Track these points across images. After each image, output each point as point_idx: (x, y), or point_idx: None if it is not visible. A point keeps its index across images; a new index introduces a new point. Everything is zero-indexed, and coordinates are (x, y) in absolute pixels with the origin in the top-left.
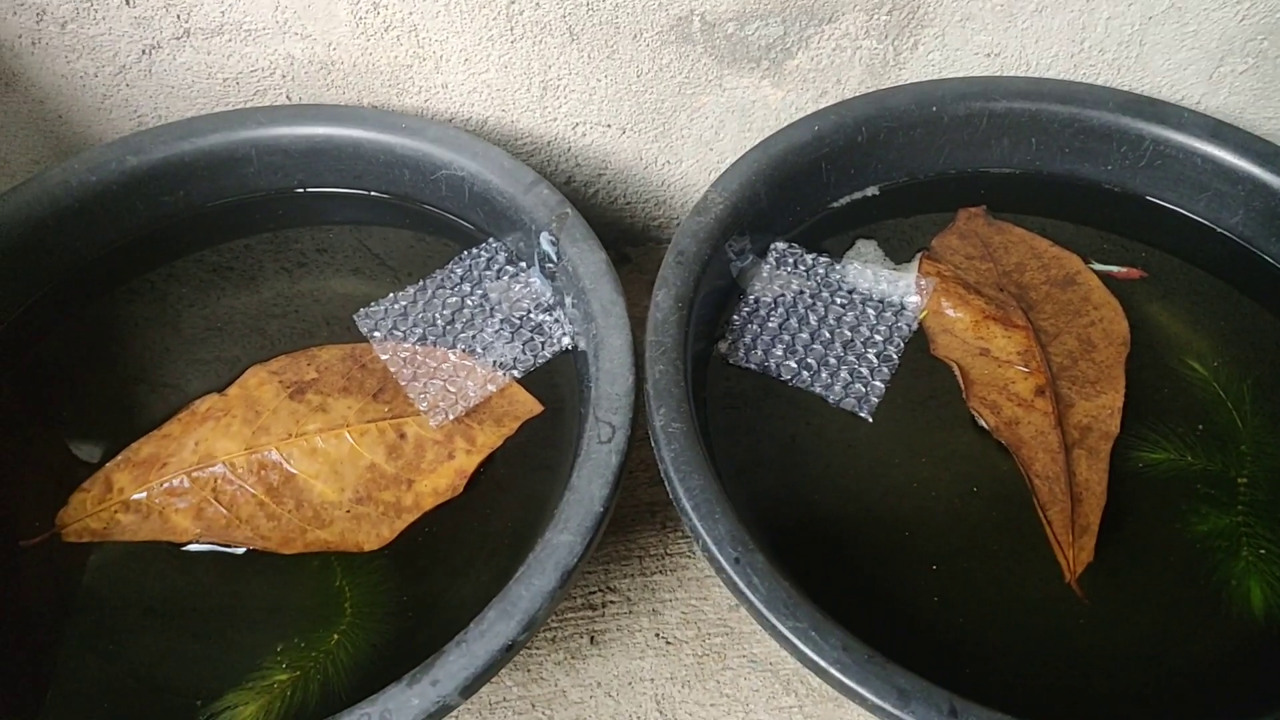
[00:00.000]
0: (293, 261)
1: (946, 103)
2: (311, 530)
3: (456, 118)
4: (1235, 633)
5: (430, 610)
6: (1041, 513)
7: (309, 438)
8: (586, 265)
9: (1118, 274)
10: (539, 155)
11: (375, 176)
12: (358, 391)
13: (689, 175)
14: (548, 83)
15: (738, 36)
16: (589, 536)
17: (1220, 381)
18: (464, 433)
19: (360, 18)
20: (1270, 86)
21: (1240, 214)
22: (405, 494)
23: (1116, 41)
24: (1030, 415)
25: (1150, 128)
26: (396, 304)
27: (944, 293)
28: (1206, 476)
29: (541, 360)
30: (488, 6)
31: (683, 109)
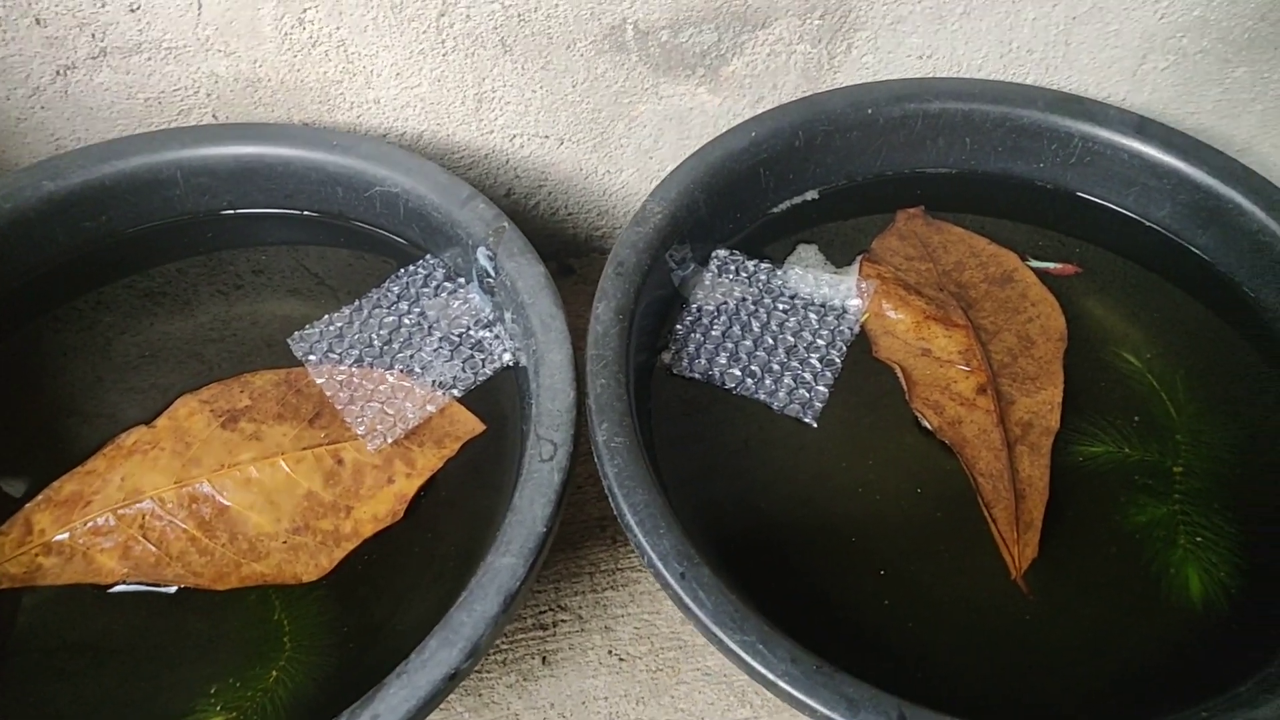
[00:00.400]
0: (228, 284)
1: (881, 105)
2: (247, 564)
3: (390, 133)
4: (1175, 621)
5: (374, 639)
6: (986, 511)
7: (242, 468)
8: (525, 279)
9: (1054, 270)
10: (477, 168)
11: (308, 195)
12: (293, 418)
13: (630, 184)
14: (482, 95)
15: (672, 44)
16: (532, 558)
17: (1154, 372)
18: (403, 456)
19: (286, 33)
20: (1191, 82)
21: (1167, 207)
22: (344, 521)
23: (1043, 42)
24: (972, 414)
25: (1079, 125)
26: (332, 325)
27: (884, 294)
28: (1144, 467)
29: (482, 378)
30: (417, 20)
31: (620, 118)
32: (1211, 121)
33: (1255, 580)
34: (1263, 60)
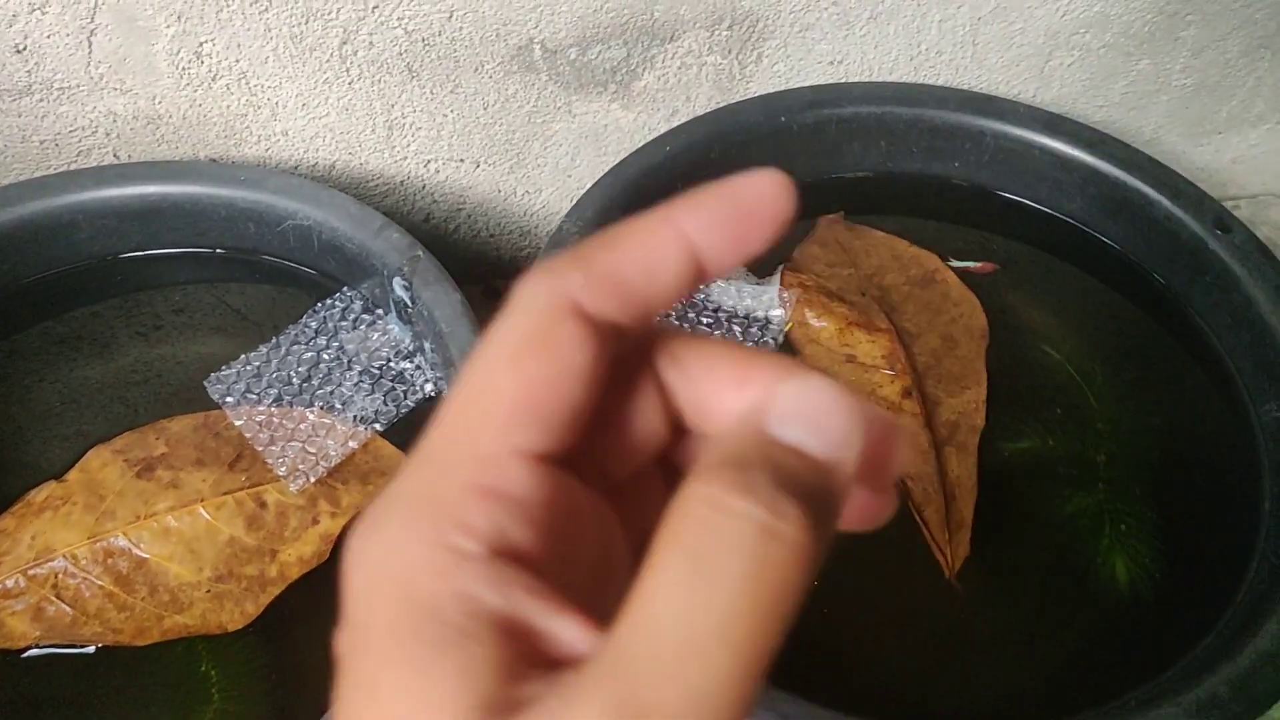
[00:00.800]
0: (148, 325)
1: (795, 112)
2: (169, 616)
3: (301, 165)
4: (1104, 610)
5: (307, 683)
6: (917, 514)
7: (160, 518)
8: (442, 308)
9: (974, 269)
10: (393, 196)
11: (219, 233)
12: (213, 462)
13: (550, 204)
14: (392, 122)
15: (581, 62)
16: None
17: (1074, 364)
18: (328, 495)
19: (183, 68)
20: (1097, 77)
21: (1079, 200)
22: (269, 566)
23: (951, 43)
24: (899, 418)
25: (990, 124)
26: (249, 365)
27: (807, 303)
28: (1069, 459)
29: (405, 410)
30: (319, 49)
31: (535, 138)
32: (1119, 114)
33: (1178, 565)
34: (1164, 52)
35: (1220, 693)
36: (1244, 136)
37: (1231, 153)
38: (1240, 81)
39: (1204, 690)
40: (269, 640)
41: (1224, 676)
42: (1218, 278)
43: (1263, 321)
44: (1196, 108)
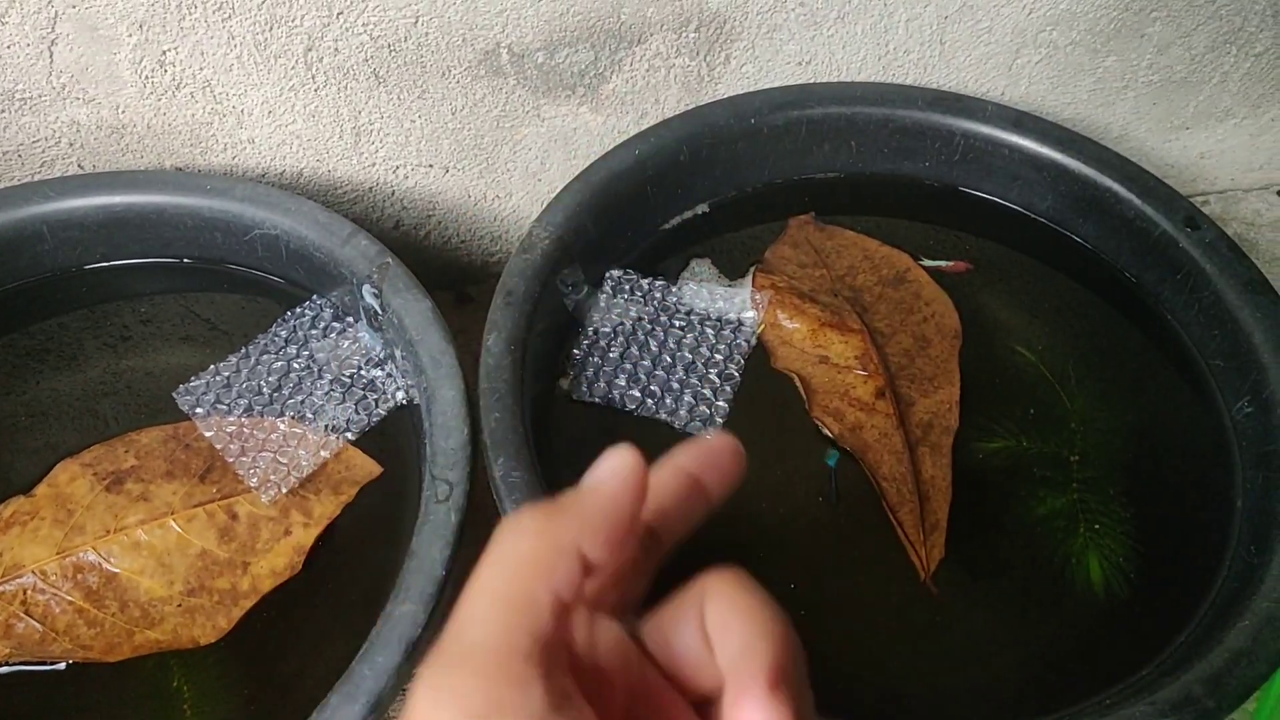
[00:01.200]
0: (115, 336)
1: (764, 113)
2: (140, 632)
3: (269, 173)
4: (1080, 610)
5: (281, 698)
6: (892, 515)
7: (130, 531)
8: (412, 315)
9: (946, 268)
10: (361, 203)
11: (185, 243)
12: (183, 475)
13: (520, 208)
14: (360, 128)
15: (549, 65)
16: (433, 604)
17: (1046, 363)
18: (300, 505)
19: (146, 77)
20: (1064, 74)
21: (1050, 199)
22: (241, 579)
23: (919, 42)
24: (873, 418)
25: (959, 122)
26: (219, 376)
27: (779, 304)
28: (1042, 459)
29: (376, 419)
30: (284, 56)
31: (504, 142)
32: (1087, 111)
33: (1151, 563)
34: (1130, 48)
35: (1194, 691)
36: (1211, 131)
37: (1199, 148)
38: (1207, 76)
39: (1178, 689)
40: (242, 654)
41: (1198, 675)
42: (1188, 275)
43: (1233, 319)
44: (1164, 103)
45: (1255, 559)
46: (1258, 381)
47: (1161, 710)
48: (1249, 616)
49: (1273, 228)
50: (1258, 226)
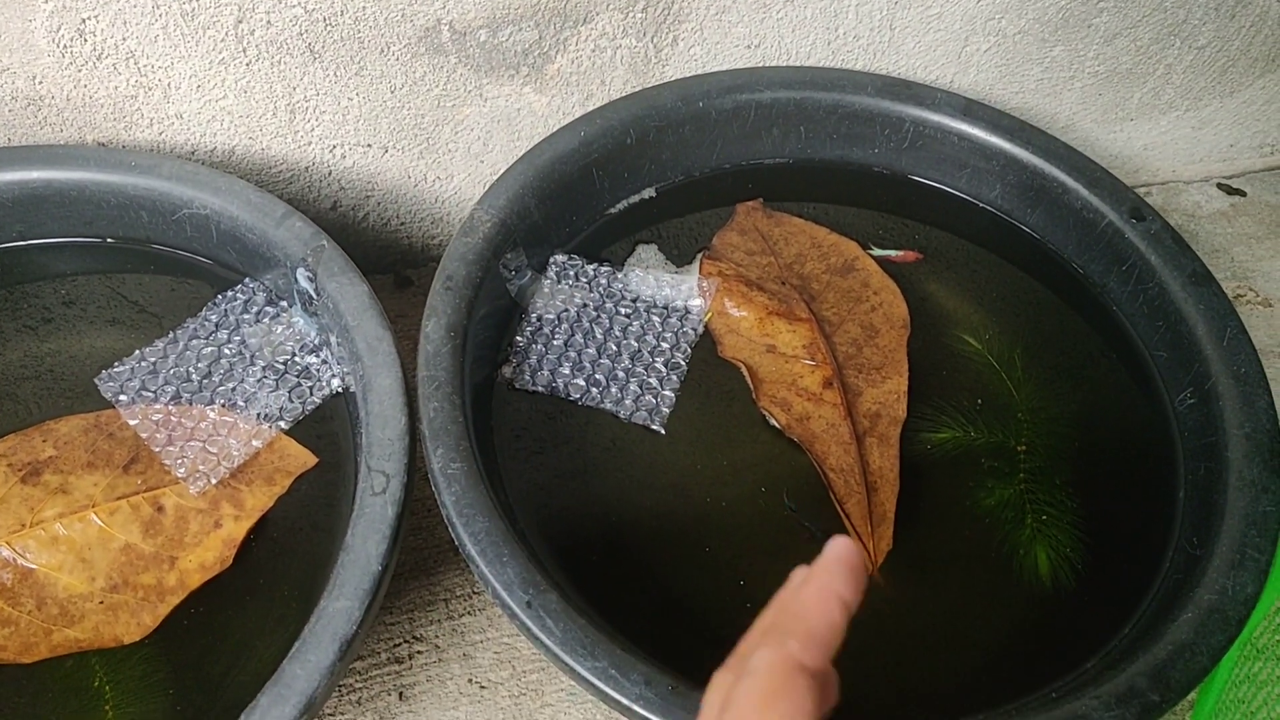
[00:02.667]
0: (36, 318)
1: (713, 97)
2: (58, 630)
3: (198, 150)
4: (1027, 601)
5: (211, 698)
6: (839, 506)
7: (47, 525)
8: (348, 300)
9: (896, 258)
10: (297, 182)
11: (108, 222)
12: (105, 465)
13: (462, 190)
14: (295, 105)
15: (491, 44)
16: (368, 599)
17: (993, 352)
18: (231, 497)
19: (64, 46)
20: (1012, 63)
21: (998, 188)
22: (168, 574)
23: (868, 27)
24: (820, 409)
25: (908, 109)
26: (144, 361)
27: (727, 292)
28: (989, 449)
29: (311, 407)
30: (212, 27)
31: (445, 122)
32: (1035, 100)
33: (1097, 554)
34: (1078, 38)
35: (1138, 683)
36: (1155, 123)
37: (1143, 139)
38: (1151, 69)
39: (1122, 681)
40: (168, 652)
41: (1142, 667)
42: (1134, 267)
43: (1177, 311)
44: (1110, 94)
45: (1197, 550)
46: (1200, 373)
47: (1106, 704)
48: (1191, 609)
49: (1212, 219)
50: (1198, 218)
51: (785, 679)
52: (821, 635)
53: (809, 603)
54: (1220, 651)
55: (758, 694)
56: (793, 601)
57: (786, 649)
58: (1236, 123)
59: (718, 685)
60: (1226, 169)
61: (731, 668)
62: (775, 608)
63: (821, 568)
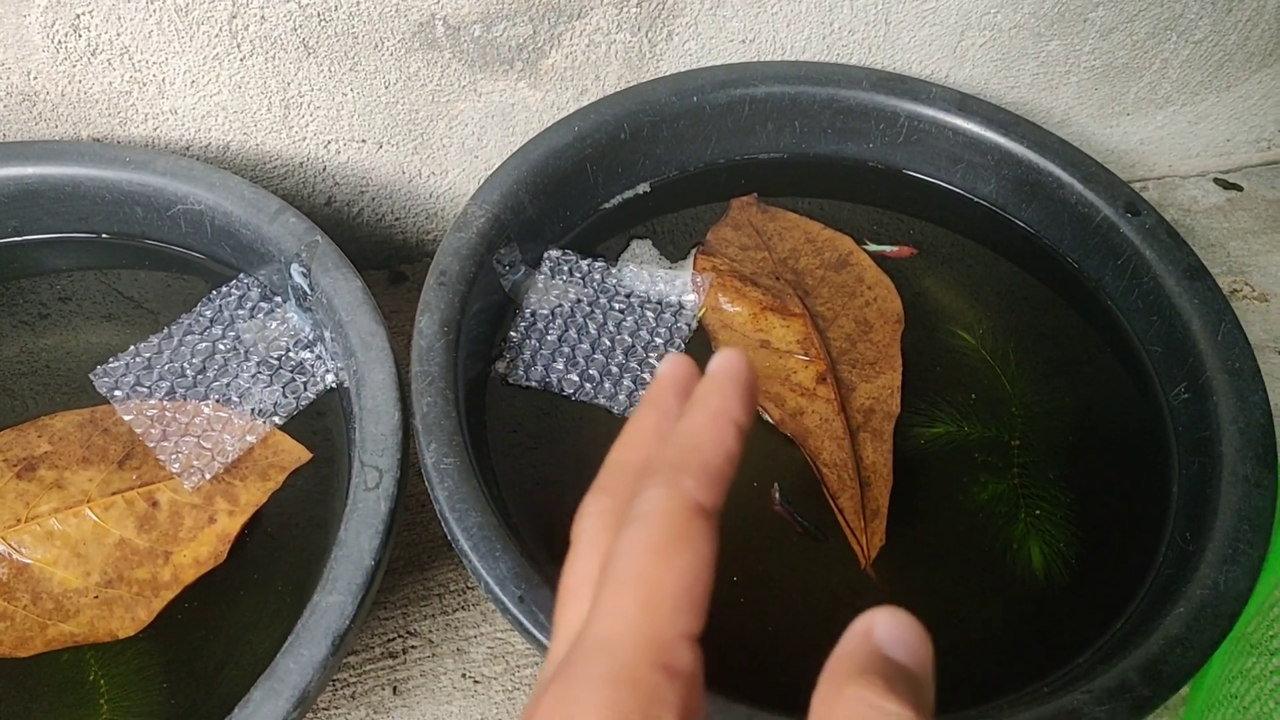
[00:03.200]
0: (32, 314)
1: (707, 92)
2: (53, 625)
3: (193, 145)
4: (1021, 596)
5: (205, 692)
6: (832, 501)
7: (43, 520)
8: (341, 295)
9: (890, 253)
10: (292, 178)
11: (103, 217)
12: (100, 461)
13: (457, 185)
14: (289, 101)
15: (485, 39)
16: (361, 595)
17: (987, 348)
18: (225, 492)
19: (59, 42)
20: (1008, 57)
21: (993, 183)
22: (162, 569)
23: (864, 22)
24: (813, 404)
25: (903, 104)
26: (139, 357)
27: (721, 287)
28: (983, 444)
29: (305, 402)
30: (206, 23)
31: (440, 118)
32: (1031, 95)
33: (1090, 549)
34: (1074, 32)
35: (1129, 678)
36: (1151, 118)
37: (1140, 134)
38: (1148, 63)
39: (1114, 676)
40: (163, 647)
41: (1133, 662)
42: (1129, 261)
43: (1172, 305)
44: (1105, 89)
45: (1190, 545)
46: (1194, 368)
47: (1098, 698)
48: (1184, 604)
49: (1208, 214)
50: (1194, 213)
51: (684, 524)
52: (719, 469)
53: (701, 430)
54: (1212, 646)
55: (652, 543)
56: (682, 430)
57: (681, 487)
58: (1233, 117)
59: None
60: (1223, 164)
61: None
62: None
63: (712, 386)
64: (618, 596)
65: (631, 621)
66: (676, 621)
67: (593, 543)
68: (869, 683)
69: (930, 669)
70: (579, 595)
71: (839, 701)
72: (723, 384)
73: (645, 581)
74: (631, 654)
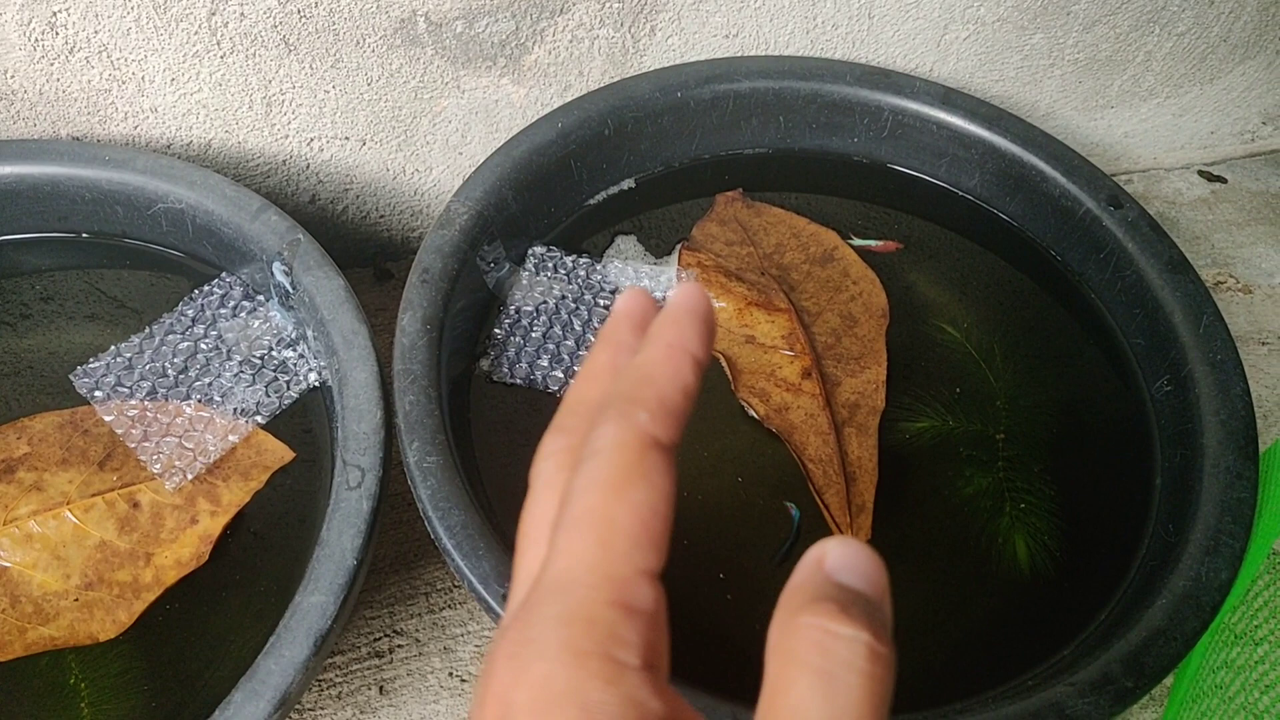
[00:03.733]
0: (14, 314)
1: (691, 87)
2: (33, 628)
3: (174, 144)
4: (1006, 590)
5: (188, 694)
6: (818, 497)
7: (21, 523)
8: (324, 294)
9: (876, 248)
10: (275, 176)
11: (83, 217)
12: (80, 462)
13: (441, 182)
14: (271, 98)
15: (468, 35)
16: (343, 594)
17: (972, 342)
18: (207, 493)
19: (35, 40)
20: (992, 51)
21: (977, 176)
22: (143, 570)
23: (847, 16)
24: (799, 399)
25: (887, 98)
26: (120, 357)
27: (706, 283)
28: (968, 438)
29: (288, 401)
30: (185, 20)
31: (423, 114)
32: (1014, 89)
33: (1075, 542)
34: (1057, 26)
35: (1113, 670)
36: (1135, 111)
37: (1123, 127)
38: (1131, 56)
39: (1097, 668)
40: (144, 649)
41: (1116, 654)
42: (1111, 254)
43: (1154, 299)
44: (1089, 82)
45: (1173, 537)
46: (1177, 360)
47: (1081, 691)
48: (1166, 595)
49: (1193, 207)
50: (1179, 205)
51: (639, 458)
52: (675, 402)
53: (657, 363)
54: (1194, 637)
55: (606, 479)
56: (637, 364)
57: (636, 421)
58: (1217, 110)
59: (550, 455)
60: (1207, 156)
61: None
62: (609, 357)
63: (668, 320)
64: (572, 535)
65: (587, 560)
66: (633, 558)
67: (550, 483)
68: (823, 609)
69: (886, 591)
70: (536, 539)
71: (793, 630)
72: (679, 318)
73: (600, 518)
74: (587, 592)
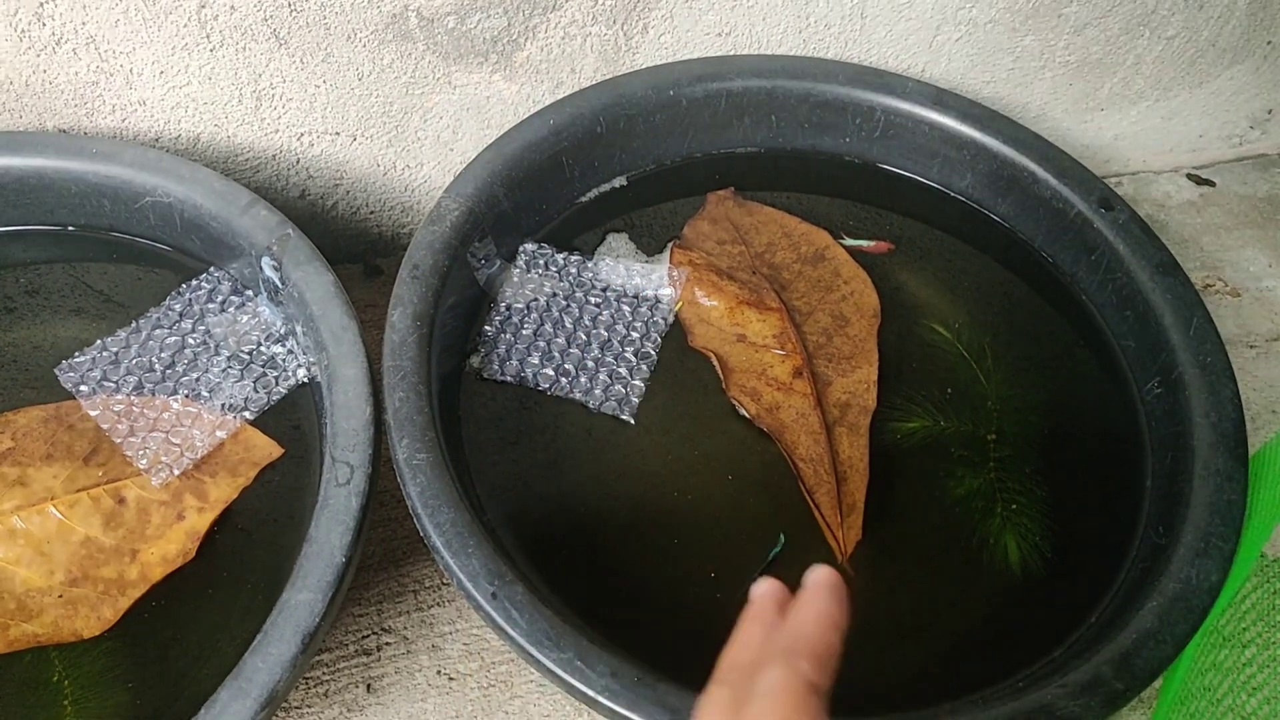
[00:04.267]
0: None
1: (683, 85)
2: (16, 625)
3: (162, 137)
4: (997, 590)
5: (174, 691)
6: (809, 496)
7: (5, 518)
8: (313, 289)
9: (867, 248)
10: (264, 171)
11: (69, 210)
12: (65, 457)
13: (432, 178)
14: (261, 92)
15: (460, 31)
16: (331, 592)
17: (963, 342)
18: (194, 488)
19: (22, 31)
20: (984, 52)
21: (968, 177)
22: (129, 567)
23: (840, 16)
24: (790, 398)
25: (879, 98)
26: (105, 351)
27: (697, 281)
28: (959, 438)
29: (276, 397)
30: (175, 12)
31: (414, 110)
32: (1006, 90)
33: (1066, 543)
34: (1048, 28)
35: (1103, 672)
36: (1125, 113)
37: (1113, 130)
38: (1121, 58)
39: (1088, 670)
40: (129, 646)
41: (1107, 656)
42: (1102, 256)
43: (1145, 300)
44: (1080, 84)
45: (1163, 539)
46: (1167, 363)
47: (1072, 692)
48: (1156, 597)
49: (1182, 209)
50: (1168, 208)
51: (802, 700)
52: (826, 657)
53: (810, 625)
54: (1184, 639)
55: (776, 715)
56: (792, 627)
57: (799, 670)
58: (1205, 113)
59: (715, 703)
60: (1196, 159)
61: (726, 685)
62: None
63: (815, 593)
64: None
65: None
66: None
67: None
68: None
69: None
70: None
71: None
72: (822, 593)
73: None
74: None
